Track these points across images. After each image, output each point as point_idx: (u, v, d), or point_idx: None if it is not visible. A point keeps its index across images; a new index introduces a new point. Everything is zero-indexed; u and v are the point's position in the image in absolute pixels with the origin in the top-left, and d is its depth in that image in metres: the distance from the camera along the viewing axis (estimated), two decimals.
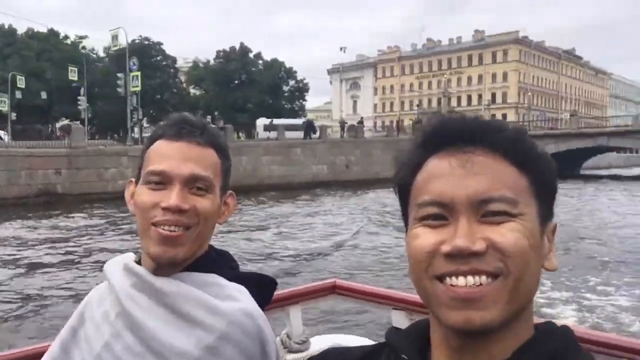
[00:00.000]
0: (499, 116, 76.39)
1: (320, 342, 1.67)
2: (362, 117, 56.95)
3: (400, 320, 1.51)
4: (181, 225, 0.94)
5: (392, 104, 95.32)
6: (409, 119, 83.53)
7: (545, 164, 0.68)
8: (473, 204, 0.63)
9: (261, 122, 49.38)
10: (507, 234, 0.62)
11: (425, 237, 0.64)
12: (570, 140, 42.89)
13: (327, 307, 6.07)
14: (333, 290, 1.77)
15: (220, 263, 1.03)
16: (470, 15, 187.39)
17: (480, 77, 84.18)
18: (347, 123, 45.74)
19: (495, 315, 0.61)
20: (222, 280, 0.98)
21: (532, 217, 0.65)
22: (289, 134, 36.21)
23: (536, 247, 0.64)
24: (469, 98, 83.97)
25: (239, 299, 0.95)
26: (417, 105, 79.31)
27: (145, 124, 47.46)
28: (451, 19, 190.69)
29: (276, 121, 45.94)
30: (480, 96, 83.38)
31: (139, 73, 32.33)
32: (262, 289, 1.03)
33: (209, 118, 32.99)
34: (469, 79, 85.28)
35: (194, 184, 0.96)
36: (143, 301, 0.95)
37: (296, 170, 32.38)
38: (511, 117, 76.17)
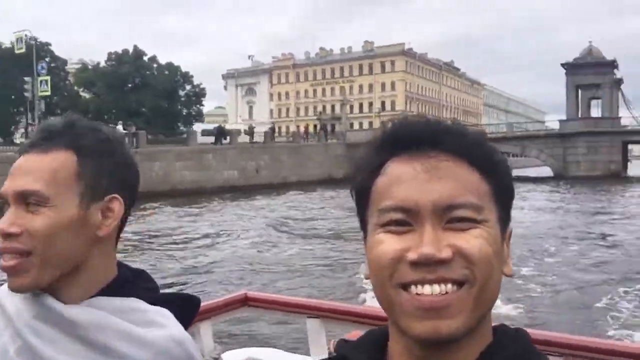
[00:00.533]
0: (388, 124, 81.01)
1: (233, 358, 1.64)
2: (274, 124, 58.26)
3: (316, 328, 1.49)
4: (14, 252, 0.81)
5: (288, 110, 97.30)
6: (304, 125, 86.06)
7: (505, 169, 0.67)
8: (438, 210, 0.61)
9: (198, 127, 49.15)
10: (472, 241, 0.61)
11: (389, 244, 0.62)
12: None
13: (239, 320, 6.06)
14: (245, 302, 1.72)
15: (137, 284, 0.91)
16: (359, 24, 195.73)
17: (370, 86, 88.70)
18: (254, 127, 46.59)
19: (461, 324, 0.60)
20: (142, 305, 0.86)
21: (494, 223, 0.64)
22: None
23: (498, 254, 0.63)
24: (361, 105, 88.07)
25: (165, 325, 0.85)
26: (320, 112, 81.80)
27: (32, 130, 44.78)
28: (340, 27, 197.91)
29: (203, 126, 46.32)
30: (371, 104, 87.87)
31: (48, 77, 30.80)
32: (185, 310, 0.93)
33: (120, 125, 31.92)
34: (361, 87, 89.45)
35: (25, 201, 0.83)
36: (50, 334, 0.82)
37: (208, 176, 32.73)
38: None
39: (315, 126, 60.35)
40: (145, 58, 67.25)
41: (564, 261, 11.83)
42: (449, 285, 0.60)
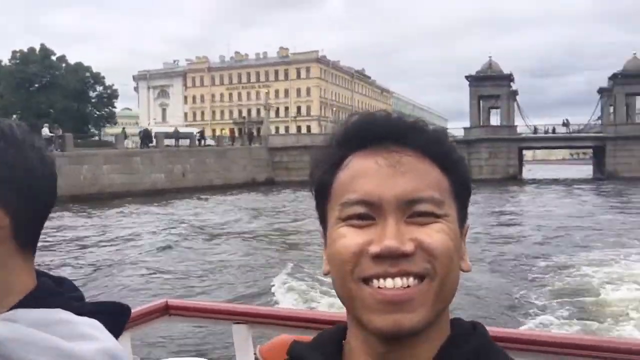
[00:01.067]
0: (304, 128, 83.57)
1: None
2: (203, 128, 58.05)
3: (243, 334, 1.44)
4: None
5: (202, 113, 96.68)
6: (220, 128, 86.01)
7: (463, 166, 0.68)
8: (401, 204, 0.62)
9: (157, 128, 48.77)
10: (434, 235, 0.61)
11: (352, 237, 0.62)
12: None
13: (160, 330, 5.80)
14: (166, 311, 1.62)
15: (60, 294, 0.80)
16: (272, 29, 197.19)
17: (286, 91, 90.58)
18: (179, 131, 46.76)
19: (422, 317, 0.60)
20: (69, 316, 0.75)
21: (454, 219, 0.65)
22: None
23: (458, 249, 0.64)
24: (277, 110, 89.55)
25: (97, 338, 0.74)
26: (244, 117, 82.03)
27: None
28: (250, 32, 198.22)
29: (157, 129, 46.01)
30: (287, 108, 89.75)
31: None
32: (116, 320, 0.83)
33: (46, 128, 30.92)
34: (277, 92, 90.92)
35: None
36: None
37: (136, 179, 32.83)
38: (315, 129, 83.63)
39: (240, 130, 60.72)
40: (54, 57, 64.60)
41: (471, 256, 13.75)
42: (411, 279, 0.60)
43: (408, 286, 0.60)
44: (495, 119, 53.99)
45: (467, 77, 53.23)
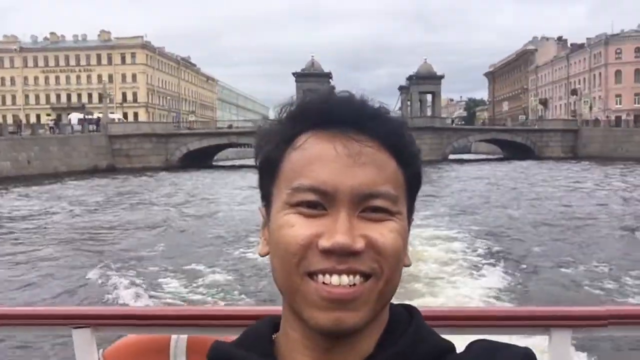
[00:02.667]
0: (131, 115, 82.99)
1: None
2: (59, 115, 54.72)
3: (85, 339, 1.26)
4: None
5: (14, 97, 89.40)
6: (35, 114, 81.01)
7: (419, 160, 0.65)
8: (356, 197, 0.58)
9: (75, 116, 47.48)
10: (386, 235, 0.59)
11: (301, 227, 0.58)
12: (210, 137, 53.84)
13: None
14: None
15: None
16: (88, 6, 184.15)
17: (110, 77, 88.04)
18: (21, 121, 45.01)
19: (364, 316, 0.59)
20: None
21: (405, 216, 0.62)
22: None
23: (405, 247, 0.62)
24: (100, 96, 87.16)
25: None
26: (63, 103, 77.44)
27: None
28: (65, 8, 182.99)
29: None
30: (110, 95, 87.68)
31: None
32: None
33: None
34: (99, 77, 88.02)
35: None
36: None
37: None
38: (142, 116, 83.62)
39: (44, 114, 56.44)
40: None
41: None
42: (357, 277, 0.58)
43: (354, 284, 0.57)
44: None
45: (293, 74, 59.96)
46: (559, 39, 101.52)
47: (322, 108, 0.62)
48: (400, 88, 67.16)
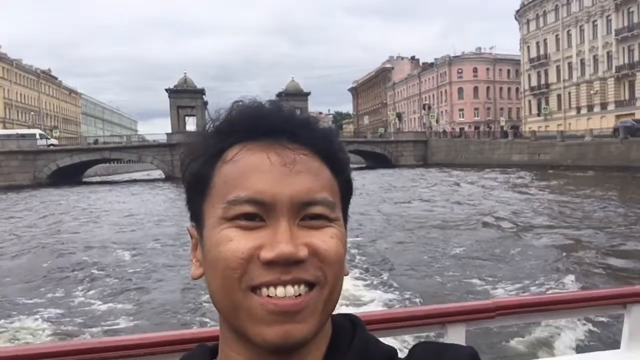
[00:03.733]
0: None
1: None
2: None
3: None
4: None
5: None
6: None
7: (349, 167, 0.65)
8: (295, 205, 0.57)
9: None
10: (329, 241, 0.58)
11: (240, 241, 0.56)
12: (82, 153, 53.34)
13: None
14: None
15: None
16: None
17: None
18: None
19: (312, 327, 0.57)
20: None
21: (342, 222, 0.62)
22: None
23: (345, 253, 0.61)
24: None
25: None
26: None
27: None
28: None
29: None
30: None
31: None
32: None
33: None
34: None
35: None
36: None
37: None
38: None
39: None
40: None
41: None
42: (302, 287, 0.56)
43: (299, 294, 0.55)
44: (192, 125, 63.29)
45: (167, 90, 61.19)
46: (412, 58, 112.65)
47: (253, 119, 0.60)
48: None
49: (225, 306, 0.58)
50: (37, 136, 51.86)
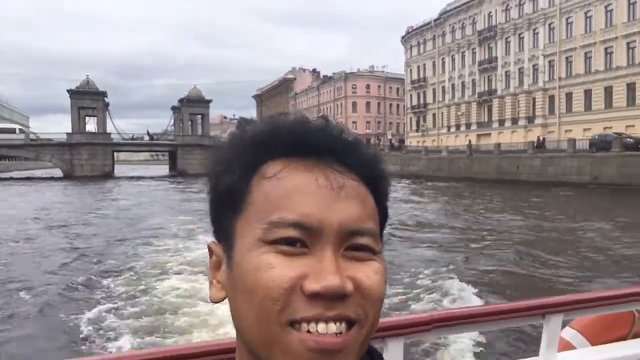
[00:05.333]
0: None
1: None
2: None
3: None
4: None
5: None
6: None
7: (388, 193, 0.60)
8: (342, 233, 0.52)
9: None
10: (372, 277, 0.53)
11: (283, 269, 0.50)
12: None
13: None
14: None
15: None
16: None
17: None
18: None
19: None
20: None
21: (383, 255, 0.56)
22: None
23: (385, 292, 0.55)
24: None
25: None
26: None
27: None
28: None
29: None
30: None
31: None
32: None
33: None
34: None
35: None
36: None
37: None
38: None
39: None
40: None
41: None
42: (344, 325, 0.51)
43: (340, 332, 0.50)
44: (92, 126, 64.74)
45: (68, 91, 62.41)
46: (314, 70, 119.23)
47: (298, 133, 0.55)
48: (173, 108, 73.73)
49: (259, 339, 0.52)
50: None
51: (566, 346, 2.14)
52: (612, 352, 1.99)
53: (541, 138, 46.97)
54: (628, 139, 32.86)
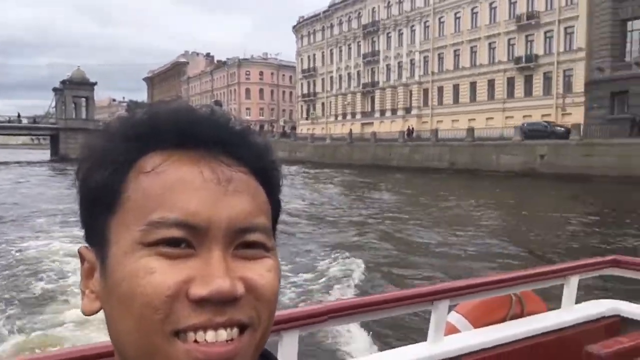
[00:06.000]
0: None
1: None
2: None
3: None
4: None
5: None
6: None
7: (280, 186, 0.56)
8: (232, 231, 0.48)
9: None
10: (266, 275, 0.49)
11: (165, 273, 0.45)
12: None
13: None
14: None
15: None
16: None
17: None
18: None
19: None
20: None
21: (276, 252, 0.52)
22: None
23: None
24: None
25: None
26: None
27: None
28: None
29: None
30: None
31: None
32: None
33: None
34: None
35: None
36: None
37: None
38: None
39: None
40: None
41: None
42: (235, 330, 0.46)
43: (232, 339, 0.46)
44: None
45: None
46: (207, 55, 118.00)
47: (181, 122, 0.50)
48: (55, 90, 70.25)
49: (139, 353, 0.46)
50: None
51: (452, 330, 2.19)
52: (491, 334, 2.06)
53: (411, 128, 51.29)
54: (558, 128, 35.12)
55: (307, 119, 78.72)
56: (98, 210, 0.50)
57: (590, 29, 39.68)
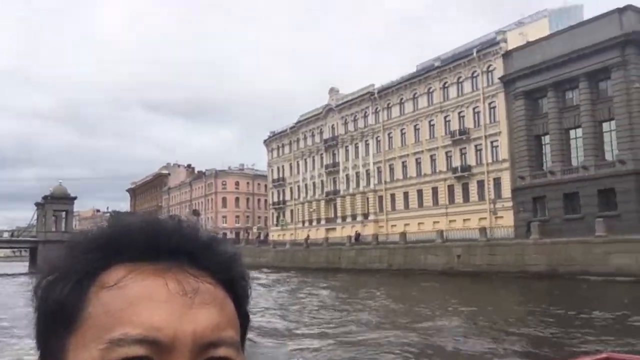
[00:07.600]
0: None
1: None
2: None
3: None
4: None
5: None
6: None
7: (249, 296, 0.55)
8: (198, 347, 0.46)
9: None
10: None
11: None
12: None
13: None
14: None
15: None
16: None
17: None
18: None
19: None
20: None
21: None
22: None
23: None
24: None
25: None
26: None
27: None
28: None
29: None
30: None
31: None
32: None
33: None
34: None
35: None
36: None
37: None
38: None
39: None
40: None
41: None
42: None
43: None
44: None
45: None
46: (188, 166, 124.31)
47: (144, 233, 0.49)
48: (37, 204, 74.71)
49: None
50: None
51: None
52: None
53: (357, 233, 55.67)
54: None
55: (277, 225, 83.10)
56: (56, 328, 0.47)
57: (511, 143, 45.72)
